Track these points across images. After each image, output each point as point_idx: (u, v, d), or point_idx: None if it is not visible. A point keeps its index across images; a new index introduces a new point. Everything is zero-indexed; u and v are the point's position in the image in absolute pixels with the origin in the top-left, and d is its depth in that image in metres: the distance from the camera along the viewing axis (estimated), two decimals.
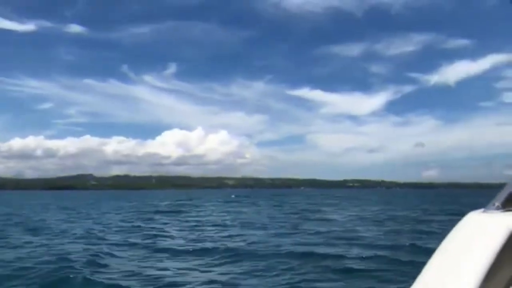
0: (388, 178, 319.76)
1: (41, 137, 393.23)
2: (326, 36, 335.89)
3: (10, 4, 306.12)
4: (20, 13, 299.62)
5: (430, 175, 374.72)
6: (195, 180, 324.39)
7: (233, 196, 69.75)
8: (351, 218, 21.85)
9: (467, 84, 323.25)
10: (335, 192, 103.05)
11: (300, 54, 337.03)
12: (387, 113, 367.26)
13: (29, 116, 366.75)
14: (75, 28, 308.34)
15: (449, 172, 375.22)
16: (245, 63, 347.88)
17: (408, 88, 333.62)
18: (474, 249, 1.12)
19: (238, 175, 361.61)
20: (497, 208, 1.26)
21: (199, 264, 9.67)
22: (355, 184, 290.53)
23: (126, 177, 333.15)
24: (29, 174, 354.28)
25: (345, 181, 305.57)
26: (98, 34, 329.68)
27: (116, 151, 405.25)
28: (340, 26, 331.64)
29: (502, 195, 1.28)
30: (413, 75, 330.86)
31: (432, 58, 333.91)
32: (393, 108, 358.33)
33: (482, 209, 1.31)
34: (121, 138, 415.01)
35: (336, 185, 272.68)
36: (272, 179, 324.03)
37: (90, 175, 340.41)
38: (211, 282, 8.01)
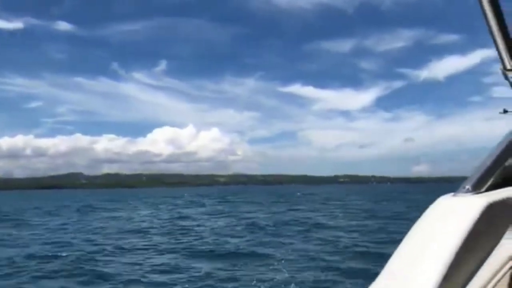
0: (379, 173, 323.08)
1: (30, 136, 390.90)
2: (316, 32, 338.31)
3: None
4: (8, 11, 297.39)
5: (421, 169, 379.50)
6: (186, 177, 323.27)
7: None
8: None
9: (456, 79, 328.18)
10: (323, 189, 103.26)
11: (291, 51, 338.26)
12: (377, 109, 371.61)
13: (18, 115, 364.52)
14: (63, 26, 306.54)
15: (439, 166, 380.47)
16: (236, 60, 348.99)
17: (398, 84, 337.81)
18: (444, 232, 1.10)
19: (230, 172, 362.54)
20: (467, 191, 1.25)
21: None
22: (346, 180, 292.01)
23: (116, 175, 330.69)
24: (18, 173, 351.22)
25: (336, 177, 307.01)
26: (87, 31, 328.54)
27: (107, 149, 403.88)
28: (330, 23, 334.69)
29: (473, 178, 1.28)
30: (403, 70, 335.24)
31: (421, 54, 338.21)
32: (383, 103, 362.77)
33: (452, 193, 1.29)
34: (112, 136, 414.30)
35: (328, 181, 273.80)
36: (264, 176, 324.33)
37: (81, 173, 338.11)
38: None
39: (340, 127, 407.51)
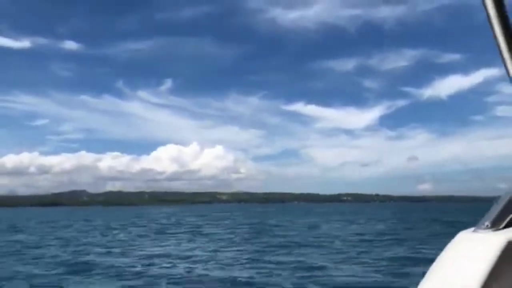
0: (382, 192, 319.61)
1: (35, 153, 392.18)
2: (320, 51, 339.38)
3: (6, 21, 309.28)
4: (16, 30, 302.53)
5: (424, 188, 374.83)
6: (187, 195, 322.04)
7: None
8: None
9: (459, 98, 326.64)
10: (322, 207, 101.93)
11: (294, 69, 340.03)
12: (380, 127, 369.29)
13: (24, 133, 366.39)
14: (70, 45, 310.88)
15: (442, 185, 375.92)
16: (239, 78, 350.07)
17: (401, 102, 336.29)
18: (465, 270, 1.14)
19: (233, 190, 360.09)
20: (487, 228, 1.26)
21: None
22: (349, 198, 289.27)
23: (118, 193, 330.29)
24: (22, 191, 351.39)
25: (339, 195, 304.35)
26: (92, 50, 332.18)
27: (111, 167, 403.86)
28: (333, 42, 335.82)
29: (491, 214, 1.28)
30: (406, 89, 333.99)
31: (425, 73, 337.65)
32: (386, 122, 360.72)
33: (472, 228, 1.31)
34: (116, 153, 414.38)
35: (330, 200, 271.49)
36: (266, 194, 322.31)
37: (84, 191, 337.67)
38: None
39: (343, 146, 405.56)
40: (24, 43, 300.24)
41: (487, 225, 1.26)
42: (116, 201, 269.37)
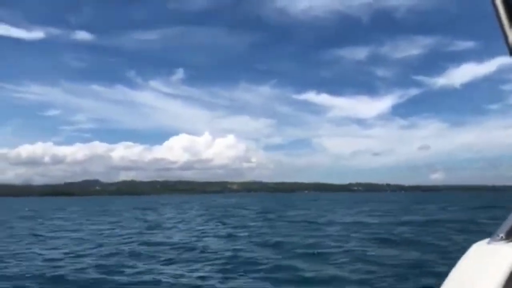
0: (393, 181, 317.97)
1: (49, 143, 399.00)
2: (331, 40, 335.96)
3: (19, 12, 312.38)
4: (29, 21, 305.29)
5: (436, 178, 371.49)
6: (197, 184, 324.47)
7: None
8: None
9: (473, 86, 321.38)
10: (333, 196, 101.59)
11: (306, 58, 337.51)
12: (393, 116, 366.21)
13: (38, 123, 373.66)
14: (82, 35, 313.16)
15: (454, 174, 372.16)
16: (251, 68, 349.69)
17: (414, 91, 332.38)
18: (480, 282, 1.15)
19: (244, 179, 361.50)
20: (501, 239, 1.27)
21: None
22: (359, 188, 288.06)
23: (131, 182, 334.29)
24: (37, 180, 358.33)
25: (349, 185, 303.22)
26: (105, 40, 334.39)
27: (123, 156, 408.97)
28: (345, 30, 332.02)
29: (506, 226, 1.28)
30: (419, 78, 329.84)
31: (438, 61, 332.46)
32: (399, 111, 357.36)
33: (487, 240, 1.32)
34: (129, 143, 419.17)
35: (341, 189, 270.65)
36: (276, 183, 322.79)
37: (97, 181, 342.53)
38: None
39: (355, 135, 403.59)
40: (36, 34, 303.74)
41: (501, 237, 1.26)
42: (128, 191, 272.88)
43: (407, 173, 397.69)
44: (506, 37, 1.14)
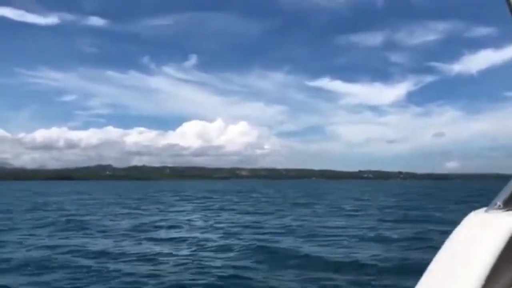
0: (406, 169, 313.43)
1: (64, 128, 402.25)
2: (345, 26, 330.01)
3: None
4: (43, 6, 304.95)
5: (451, 166, 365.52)
6: (206, 170, 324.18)
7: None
8: None
9: (490, 73, 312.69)
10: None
11: (320, 45, 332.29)
12: (407, 104, 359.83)
13: (53, 108, 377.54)
14: (96, 21, 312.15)
15: (469, 162, 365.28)
16: (264, 54, 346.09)
17: (429, 78, 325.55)
18: (476, 250, 1.13)
19: (257, 166, 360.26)
20: (499, 208, 1.25)
21: None
22: (370, 175, 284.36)
23: (142, 168, 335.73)
24: (52, 164, 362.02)
25: (360, 172, 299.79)
26: (118, 26, 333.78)
27: (137, 142, 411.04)
28: (359, 16, 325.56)
29: (504, 194, 1.26)
30: (435, 64, 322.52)
31: (454, 47, 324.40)
32: (413, 98, 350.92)
33: (484, 208, 1.29)
34: (142, 129, 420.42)
35: (351, 176, 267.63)
36: (287, 170, 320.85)
37: (109, 165, 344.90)
38: None
39: (368, 122, 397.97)
40: (51, 19, 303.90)
41: (499, 205, 1.23)
42: (138, 176, 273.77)
43: (421, 161, 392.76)
44: None
